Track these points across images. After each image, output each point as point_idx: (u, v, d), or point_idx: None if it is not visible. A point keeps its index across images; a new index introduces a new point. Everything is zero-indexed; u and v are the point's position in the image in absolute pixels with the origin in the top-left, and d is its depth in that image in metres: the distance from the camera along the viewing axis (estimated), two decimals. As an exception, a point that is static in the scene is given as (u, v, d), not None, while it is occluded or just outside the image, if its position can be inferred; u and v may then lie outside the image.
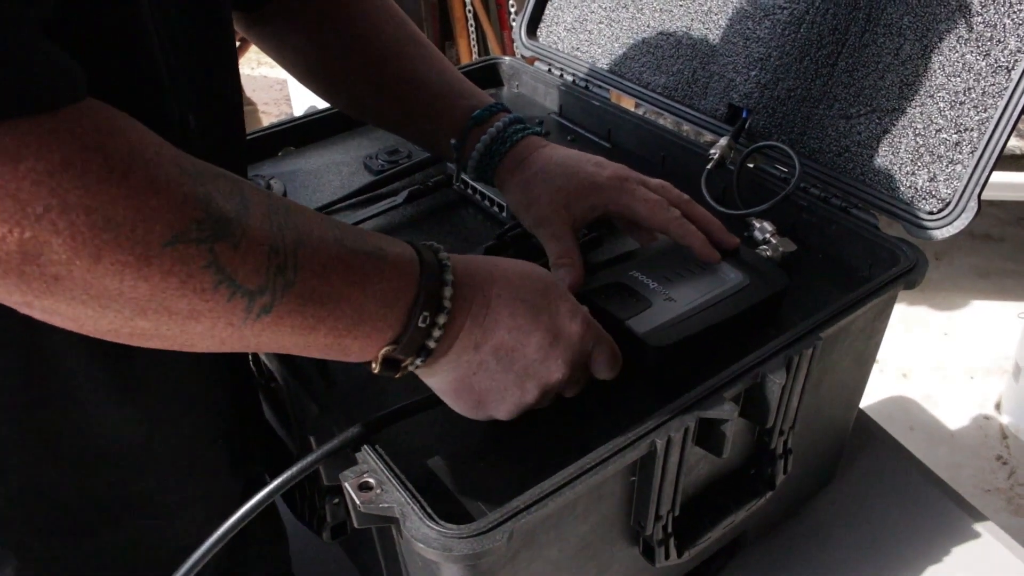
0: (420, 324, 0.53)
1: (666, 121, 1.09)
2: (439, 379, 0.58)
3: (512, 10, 2.62)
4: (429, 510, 0.53)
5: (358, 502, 0.54)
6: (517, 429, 0.63)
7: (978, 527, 0.88)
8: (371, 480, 0.55)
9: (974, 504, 0.91)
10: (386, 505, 0.54)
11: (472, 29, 2.78)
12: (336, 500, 0.66)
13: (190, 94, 0.58)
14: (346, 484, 0.55)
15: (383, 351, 0.53)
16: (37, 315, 0.42)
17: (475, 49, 2.80)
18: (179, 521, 0.66)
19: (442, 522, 0.52)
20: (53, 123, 0.38)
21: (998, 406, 2.27)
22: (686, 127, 1.01)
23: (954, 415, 2.26)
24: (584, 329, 0.61)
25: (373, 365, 0.54)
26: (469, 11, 2.75)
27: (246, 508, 0.55)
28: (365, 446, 0.57)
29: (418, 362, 0.55)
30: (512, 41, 2.73)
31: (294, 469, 0.57)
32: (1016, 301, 2.48)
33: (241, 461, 0.71)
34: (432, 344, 0.54)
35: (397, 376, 0.56)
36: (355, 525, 0.57)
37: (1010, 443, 2.18)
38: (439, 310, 0.54)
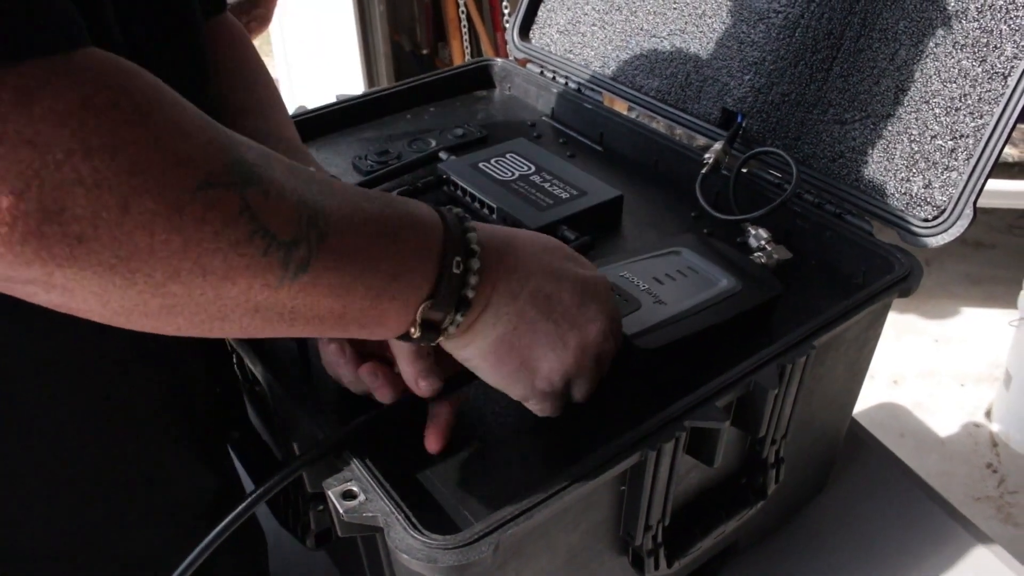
0: (455, 270, 0.50)
1: (659, 125, 1.08)
2: (479, 344, 0.54)
3: (506, 12, 2.61)
4: (414, 520, 0.51)
5: (341, 511, 0.53)
6: (506, 435, 0.62)
7: (971, 538, 0.87)
8: (355, 488, 0.54)
9: (964, 512, 0.90)
10: (370, 514, 0.52)
11: (465, 30, 2.77)
12: (320, 507, 0.65)
13: None
14: (329, 492, 0.54)
15: (421, 309, 0.50)
16: (56, 297, 0.39)
17: (468, 50, 2.79)
18: (138, 538, 0.63)
19: (427, 532, 0.51)
20: (68, 63, 0.36)
21: (988, 414, 2.27)
22: (679, 131, 1.00)
23: (945, 422, 2.25)
24: (604, 279, 0.59)
25: (413, 330, 0.51)
26: (462, 12, 2.74)
27: (229, 519, 0.54)
28: (351, 454, 0.56)
29: (458, 318, 0.51)
30: (505, 43, 2.72)
31: (276, 477, 0.55)
32: (1007, 308, 2.47)
33: (211, 466, 0.69)
34: (470, 293, 0.51)
35: (436, 342, 0.53)
36: (339, 534, 0.56)
37: (1000, 451, 2.18)
38: (470, 254, 0.51)
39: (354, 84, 2.62)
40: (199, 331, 0.44)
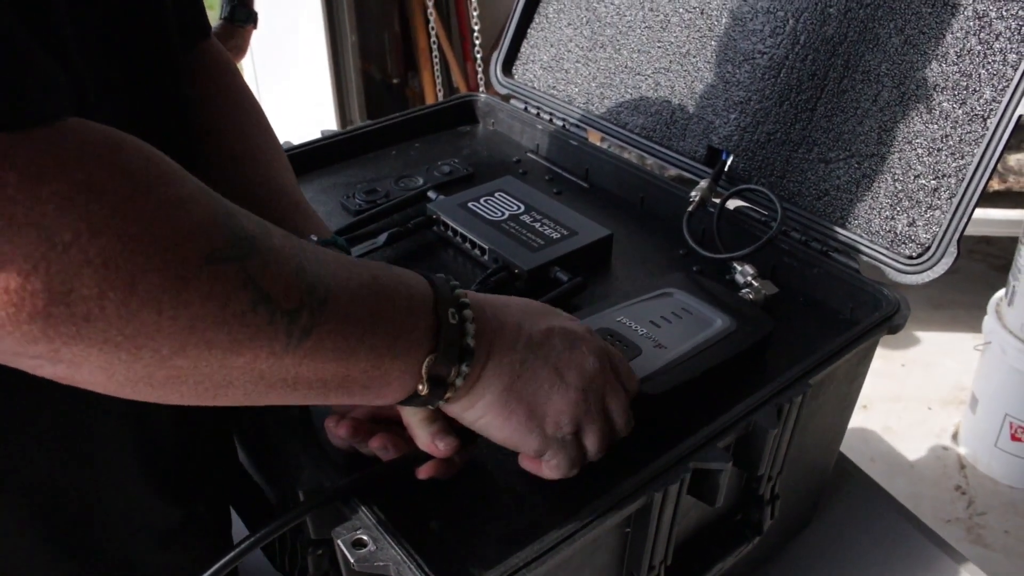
0: (452, 320, 0.51)
1: (630, 155, 1.09)
2: (487, 399, 0.55)
3: (476, 42, 2.63)
4: (427, 569, 0.51)
5: (352, 560, 0.53)
6: (513, 481, 0.62)
7: (958, 567, 0.88)
8: (365, 537, 0.54)
9: (933, 535, 0.92)
10: (381, 563, 0.52)
11: (436, 61, 2.79)
12: (319, 551, 0.64)
13: None
14: (339, 541, 0.54)
15: (426, 364, 0.50)
16: (61, 371, 0.39)
17: (439, 80, 2.80)
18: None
19: (440, 581, 0.51)
20: (68, 137, 0.35)
21: (955, 436, 2.30)
22: (650, 161, 1.01)
23: (913, 446, 2.28)
24: (586, 326, 0.60)
25: (421, 387, 0.51)
26: (433, 43, 2.75)
27: (225, 560, 0.53)
28: (358, 502, 0.56)
29: (464, 369, 0.52)
30: (475, 73, 2.74)
31: (278, 521, 0.54)
32: (971, 332, 2.52)
33: (177, 496, 0.66)
34: (471, 342, 0.52)
35: (446, 398, 0.53)
36: (345, 582, 0.55)
37: (968, 473, 2.21)
38: (462, 307, 0.52)
39: (325, 113, 2.62)
40: (203, 400, 0.44)
